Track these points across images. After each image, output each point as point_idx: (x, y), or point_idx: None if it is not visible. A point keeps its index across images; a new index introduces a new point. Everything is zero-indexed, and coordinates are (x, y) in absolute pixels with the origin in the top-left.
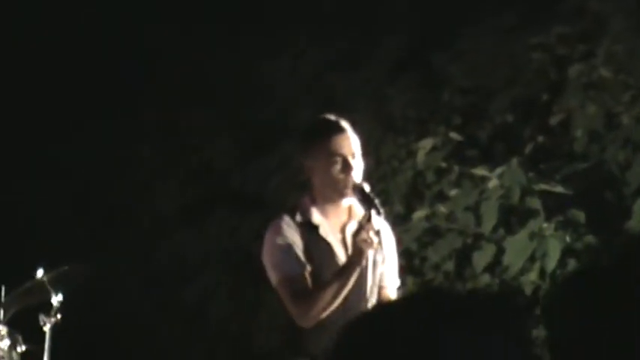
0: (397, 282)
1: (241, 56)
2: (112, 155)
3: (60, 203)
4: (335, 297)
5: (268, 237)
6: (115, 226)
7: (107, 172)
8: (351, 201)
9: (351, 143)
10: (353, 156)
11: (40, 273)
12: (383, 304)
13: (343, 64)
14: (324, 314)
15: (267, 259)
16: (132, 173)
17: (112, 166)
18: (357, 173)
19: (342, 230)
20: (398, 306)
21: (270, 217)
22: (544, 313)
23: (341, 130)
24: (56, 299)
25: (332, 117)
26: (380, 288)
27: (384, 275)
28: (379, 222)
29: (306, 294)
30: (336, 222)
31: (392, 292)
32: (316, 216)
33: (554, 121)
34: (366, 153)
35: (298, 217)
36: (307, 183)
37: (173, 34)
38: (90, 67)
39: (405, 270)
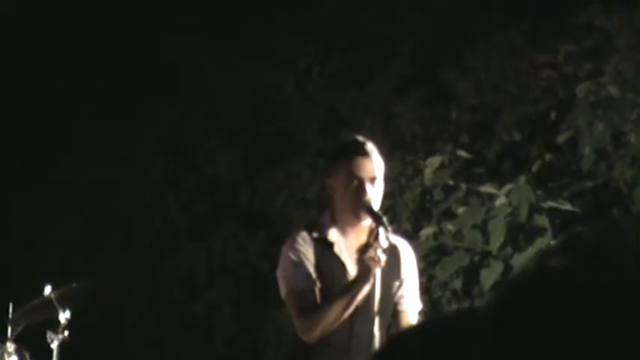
0: (419, 305)
1: (249, 72)
2: (120, 170)
3: (68, 219)
4: (340, 314)
5: (283, 250)
6: (123, 241)
7: (114, 187)
8: (369, 221)
9: (373, 167)
10: (372, 180)
11: (47, 290)
12: (411, 328)
13: (351, 81)
14: (328, 330)
15: (279, 271)
16: (139, 188)
17: (119, 181)
18: (375, 197)
19: (359, 251)
20: (428, 329)
21: (276, 232)
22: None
23: (364, 152)
24: (64, 316)
25: (360, 138)
26: (400, 312)
27: (404, 299)
28: (401, 244)
29: (313, 309)
30: (354, 242)
31: (412, 317)
32: (333, 233)
33: (561, 139)
34: None
35: (315, 233)
36: (322, 200)
37: (181, 49)
38: (98, 79)
39: None
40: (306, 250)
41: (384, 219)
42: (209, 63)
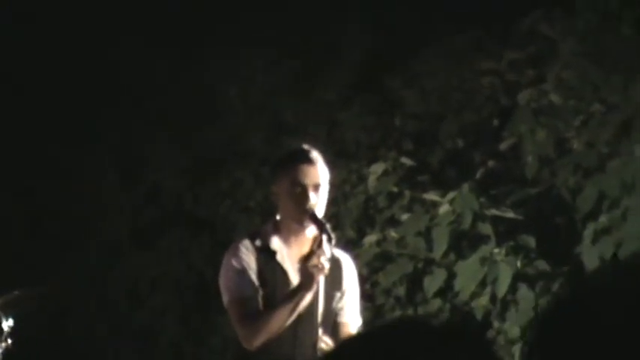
0: (359, 320)
1: (193, 81)
2: (65, 178)
3: (10, 226)
4: (283, 322)
5: (225, 259)
6: (67, 249)
7: (59, 194)
8: (314, 232)
9: (317, 175)
10: (315, 187)
11: None
12: (357, 336)
13: (295, 89)
14: (270, 338)
15: (221, 280)
16: (84, 196)
17: (64, 188)
18: (319, 204)
19: (302, 259)
20: (373, 337)
21: (221, 240)
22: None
23: (308, 160)
24: (7, 324)
25: (305, 146)
26: (339, 324)
27: (344, 311)
28: (344, 257)
29: (255, 316)
30: (297, 250)
31: (352, 329)
32: (276, 242)
33: (504, 146)
34: None
35: (257, 242)
36: (266, 208)
37: (127, 57)
38: (43, 86)
39: None
40: (248, 258)
41: (328, 226)
42: (153, 71)
